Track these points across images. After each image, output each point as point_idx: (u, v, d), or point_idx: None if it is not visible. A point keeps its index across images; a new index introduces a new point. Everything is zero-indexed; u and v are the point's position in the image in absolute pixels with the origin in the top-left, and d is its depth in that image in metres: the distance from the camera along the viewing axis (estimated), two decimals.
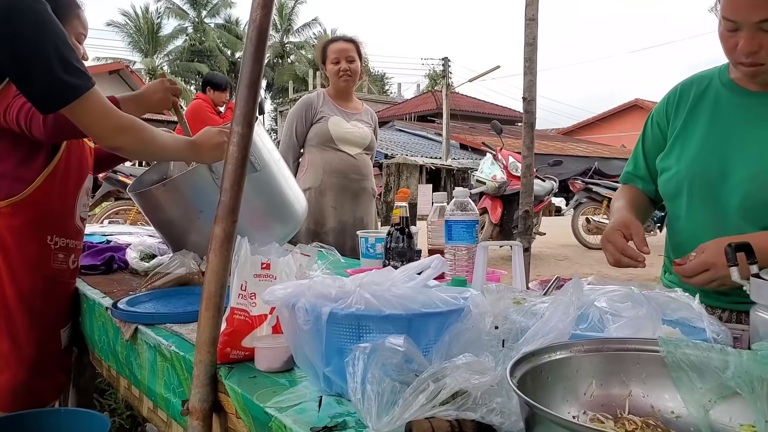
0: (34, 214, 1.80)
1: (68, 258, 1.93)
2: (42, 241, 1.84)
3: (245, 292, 1.18)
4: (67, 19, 1.76)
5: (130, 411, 2.86)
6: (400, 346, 0.83)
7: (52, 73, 1.25)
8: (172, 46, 37.67)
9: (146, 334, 1.45)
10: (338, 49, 3.15)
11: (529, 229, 3.29)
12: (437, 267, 0.98)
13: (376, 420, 0.78)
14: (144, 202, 2.01)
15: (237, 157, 1.10)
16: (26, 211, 1.78)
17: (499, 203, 7.61)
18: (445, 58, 22.65)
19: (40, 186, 1.79)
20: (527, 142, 3.28)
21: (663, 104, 1.61)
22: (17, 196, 1.76)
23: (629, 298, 0.95)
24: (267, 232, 1.90)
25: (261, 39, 1.10)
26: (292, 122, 3.17)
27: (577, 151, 23.03)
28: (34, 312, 1.85)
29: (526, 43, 3.37)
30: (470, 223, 1.60)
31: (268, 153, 2.00)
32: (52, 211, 1.85)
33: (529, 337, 0.84)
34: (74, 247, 1.95)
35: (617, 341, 0.82)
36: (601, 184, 9.33)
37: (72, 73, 1.28)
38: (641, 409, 0.77)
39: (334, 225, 3.13)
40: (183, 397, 1.24)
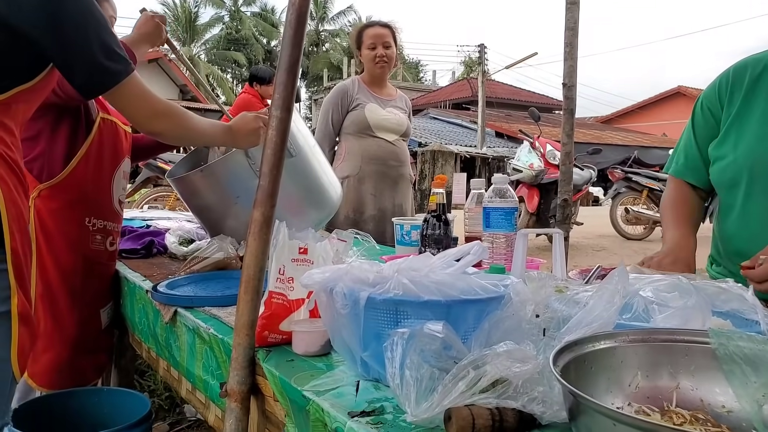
0: (71, 196, 1.85)
1: (106, 240, 1.97)
2: (80, 222, 1.89)
3: (283, 276, 1.18)
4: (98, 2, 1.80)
5: (169, 392, 2.93)
6: (439, 333, 0.82)
7: (94, 59, 1.27)
8: (209, 34, 38.10)
9: (185, 316, 1.47)
10: (375, 34, 3.12)
11: (567, 218, 3.24)
12: (477, 253, 0.96)
13: (414, 406, 0.77)
14: (182, 188, 2.04)
15: (276, 141, 1.10)
16: (63, 193, 1.83)
17: (536, 192, 7.51)
18: (482, 45, 22.34)
19: (74, 168, 1.84)
20: (567, 129, 3.21)
21: (714, 89, 1.53)
22: (54, 179, 1.81)
23: (676, 288, 0.91)
24: (302, 218, 1.91)
25: (300, 22, 1.09)
26: (328, 110, 3.16)
27: (616, 140, 22.56)
28: (75, 292, 1.90)
29: (567, 27, 3.29)
30: (509, 210, 1.57)
31: (303, 139, 2.00)
32: (88, 193, 1.90)
33: (572, 326, 0.82)
34: (112, 229, 1.99)
35: (665, 332, 0.80)
36: (641, 173, 9.12)
37: (113, 59, 1.30)
38: (690, 402, 0.75)
39: (374, 212, 3.13)
40: (221, 380, 1.25)
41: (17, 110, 1.28)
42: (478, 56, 22.94)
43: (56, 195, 1.82)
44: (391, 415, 0.85)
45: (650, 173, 9.13)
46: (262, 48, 37.96)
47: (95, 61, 1.27)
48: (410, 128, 3.30)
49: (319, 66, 36.27)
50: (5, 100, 1.23)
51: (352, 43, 3.37)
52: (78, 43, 1.25)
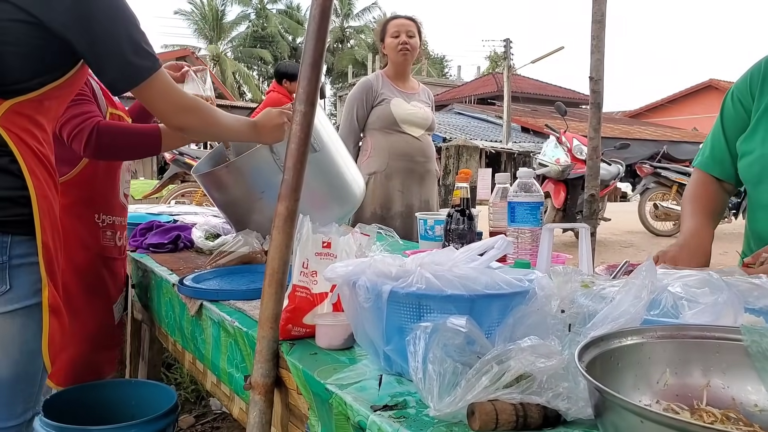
0: (83, 192, 1.87)
1: (115, 235, 1.99)
2: (91, 219, 1.91)
3: (307, 269, 1.18)
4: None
5: (195, 385, 2.96)
6: (462, 327, 0.81)
7: (123, 56, 1.29)
8: (236, 32, 38.45)
9: (210, 310, 1.49)
10: (399, 23, 3.11)
11: (594, 213, 3.19)
12: (501, 247, 0.95)
13: (437, 400, 0.76)
14: (207, 183, 2.06)
15: (300, 136, 1.10)
16: (74, 190, 1.84)
17: (563, 187, 7.42)
18: (507, 39, 22.17)
19: (86, 164, 1.85)
20: (594, 123, 3.16)
21: (746, 80, 1.49)
22: (66, 176, 1.82)
23: (707, 284, 0.89)
24: (325, 212, 1.91)
25: (323, 17, 1.09)
26: (353, 106, 3.15)
27: (644, 135, 22.21)
28: (89, 288, 1.93)
29: (594, 20, 3.24)
30: (534, 204, 1.55)
31: (327, 134, 2.00)
32: (98, 189, 1.92)
33: (598, 321, 0.81)
34: (119, 224, 2.01)
35: (695, 328, 0.78)
36: (670, 168, 8.96)
37: (141, 56, 1.32)
38: (721, 401, 0.73)
39: (401, 209, 3.12)
40: (245, 373, 1.26)
41: (49, 107, 1.31)
42: (504, 51, 22.76)
43: (68, 192, 1.81)
44: (414, 409, 0.84)
45: (680, 168, 8.97)
46: (288, 45, 38.16)
47: (124, 57, 1.29)
48: (435, 122, 3.28)
49: (344, 62, 36.35)
50: (37, 97, 1.25)
51: (376, 37, 3.37)
52: (108, 40, 1.27)
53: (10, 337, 1.24)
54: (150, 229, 2.37)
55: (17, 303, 1.23)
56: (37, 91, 1.25)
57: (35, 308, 1.26)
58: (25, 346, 1.26)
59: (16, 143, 1.22)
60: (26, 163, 1.24)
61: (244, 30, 38.35)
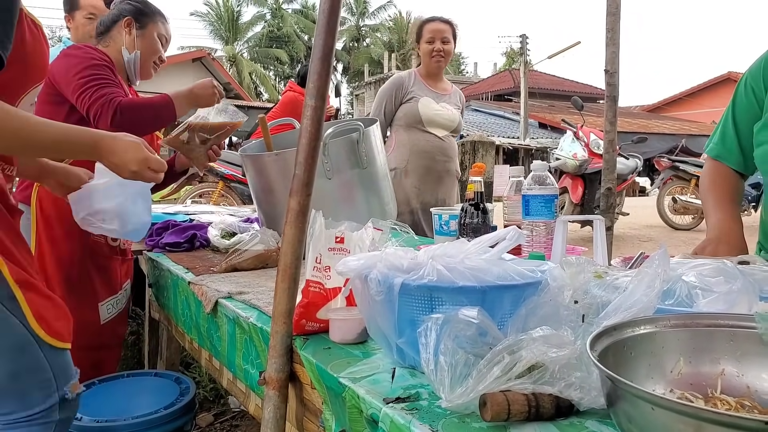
0: None
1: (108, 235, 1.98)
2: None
3: (320, 264, 1.19)
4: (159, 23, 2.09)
5: (213, 383, 2.99)
6: (474, 318, 0.81)
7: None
8: (251, 33, 38.66)
9: (226, 306, 1.50)
10: (434, 29, 3.14)
11: (611, 207, 3.16)
12: (513, 238, 0.95)
13: (449, 391, 0.76)
14: (252, 166, 2.04)
15: (311, 131, 1.11)
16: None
17: (580, 182, 7.36)
18: (523, 35, 22.02)
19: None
20: (610, 116, 3.13)
21: (759, 68, 1.46)
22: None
23: (721, 273, 0.88)
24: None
25: (333, 10, 1.09)
26: (382, 100, 3.18)
27: (662, 129, 21.94)
28: (70, 282, 1.93)
29: (609, 12, 3.21)
30: (549, 197, 1.54)
31: (379, 154, 2.03)
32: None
33: (611, 310, 0.80)
34: None
35: (708, 316, 0.77)
36: (688, 161, 8.84)
37: None
38: (735, 389, 0.72)
39: (417, 206, 3.14)
40: (261, 369, 1.27)
41: None
42: (520, 47, 22.61)
43: None
44: (426, 401, 0.84)
45: (698, 161, 8.83)
46: (304, 45, 38.27)
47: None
48: (461, 124, 3.30)
49: (360, 61, 36.39)
50: None
51: (412, 37, 3.41)
52: None
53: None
54: (166, 228, 2.39)
55: None
56: None
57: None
58: (4, 342, 1.21)
59: None
60: None
61: (259, 30, 38.55)
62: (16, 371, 1.24)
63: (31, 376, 1.26)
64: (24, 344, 1.24)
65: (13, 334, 1.22)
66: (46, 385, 1.28)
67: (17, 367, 1.24)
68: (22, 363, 1.24)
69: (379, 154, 2.04)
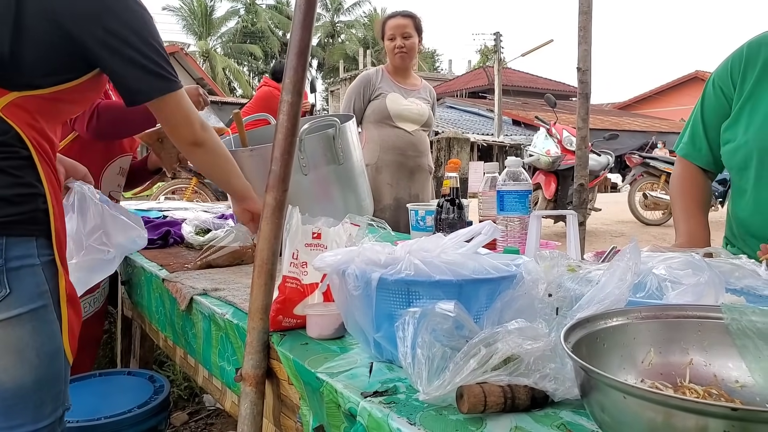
0: None
1: None
2: None
3: (297, 260, 1.19)
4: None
5: (188, 382, 2.96)
6: (451, 312, 0.82)
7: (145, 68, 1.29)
8: (225, 28, 38.30)
9: (201, 304, 1.49)
10: (395, 24, 3.14)
11: (584, 203, 3.21)
12: (489, 233, 0.96)
13: (426, 384, 0.77)
14: None
15: (287, 126, 1.10)
16: None
17: (553, 178, 7.46)
18: (497, 33, 22.18)
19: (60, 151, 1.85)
20: (582, 113, 3.18)
21: (726, 67, 1.48)
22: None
23: (690, 266, 0.90)
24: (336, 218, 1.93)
25: (309, 6, 1.09)
26: (351, 98, 3.18)
27: (633, 126, 22.33)
28: None
29: (581, 11, 3.25)
30: (523, 193, 1.56)
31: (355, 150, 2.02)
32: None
33: (584, 303, 0.82)
34: None
35: (677, 308, 0.79)
36: (659, 158, 9.02)
37: (163, 70, 1.32)
38: (703, 378, 0.74)
39: (390, 202, 3.15)
40: (237, 366, 1.26)
41: (56, 109, 1.28)
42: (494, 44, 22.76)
43: None
44: (404, 394, 0.85)
45: (668, 158, 9.03)
46: (278, 40, 38.03)
47: (146, 70, 1.29)
48: (432, 118, 3.30)
49: (335, 57, 36.29)
50: (45, 95, 1.23)
51: (376, 34, 3.41)
52: (130, 52, 1.26)
53: (23, 342, 1.20)
54: None
55: (21, 307, 1.19)
56: (45, 89, 1.22)
57: (42, 311, 1.22)
58: (41, 350, 1.23)
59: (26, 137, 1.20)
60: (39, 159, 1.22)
61: (233, 26, 38.21)
62: (42, 378, 1.24)
63: (50, 386, 1.27)
64: (56, 353, 1.26)
65: (53, 341, 1.25)
66: (57, 397, 1.29)
67: (45, 375, 1.25)
68: (51, 371, 1.26)
69: (356, 150, 2.04)
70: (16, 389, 1.21)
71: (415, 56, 3.24)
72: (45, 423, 1.26)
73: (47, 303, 1.23)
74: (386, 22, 3.21)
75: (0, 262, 1.16)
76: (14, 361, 1.20)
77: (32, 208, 1.21)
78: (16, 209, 1.18)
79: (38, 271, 1.21)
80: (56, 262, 1.25)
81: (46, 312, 1.23)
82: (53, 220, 1.24)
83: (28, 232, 1.20)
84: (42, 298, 1.22)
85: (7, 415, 1.22)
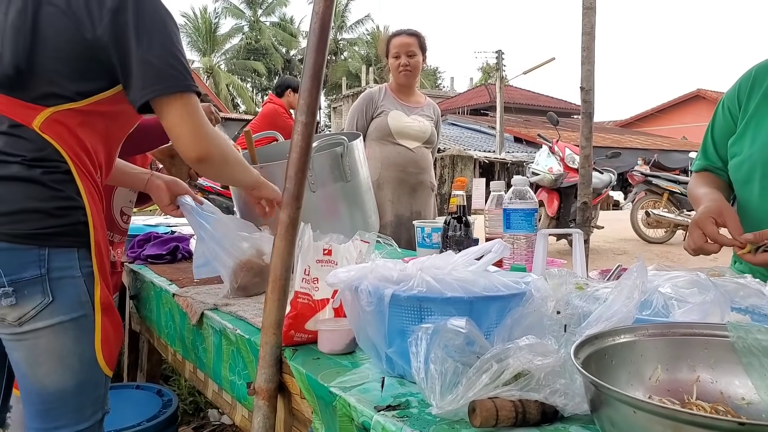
0: None
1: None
2: None
3: (308, 276, 1.21)
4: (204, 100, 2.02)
5: (193, 397, 2.97)
6: (462, 328, 0.84)
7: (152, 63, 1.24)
8: (229, 44, 38.64)
9: (212, 318, 1.51)
10: (399, 43, 3.18)
11: (587, 221, 3.23)
12: (498, 251, 0.98)
13: (439, 399, 0.79)
14: None
15: (301, 146, 1.13)
16: None
17: (556, 196, 7.49)
18: (499, 51, 22.35)
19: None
20: (585, 132, 3.22)
21: (735, 89, 1.55)
22: None
23: (695, 284, 0.93)
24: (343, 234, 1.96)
25: (323, 30, 1.13)
26: (354, 116, 3.22)
27: (635, 144, 22.38)
28: None
29: (584, 32, 3.31)
30: (529, 211, 1.58)
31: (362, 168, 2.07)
32: None
33: (592, 320, 0.84)
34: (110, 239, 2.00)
35: (684, 326, 0.81)
36: (661, 176, 9.04)
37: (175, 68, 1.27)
38: (710, 395, 0.76)
39: (392, 218, 3.16)
40: (248, 380, 1.28)
41: (93, 123, 1.29)
42: (496, 62, 22.93)
43: None
44: (417, 409, 0.87)
45: (671, 176, 9.06)
46: (281, 57, 38.34)
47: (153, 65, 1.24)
48: (435, 135, 3.33)
49: (338, 74, 36.54)
50: (80, 107, 1.25)
51: (380, 52, 3.45)
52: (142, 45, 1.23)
53: (66, 349, 1.25)
54: (148, 240, 2.39)
55: (63, 315, 1.24)
56: (80, 102, 1.25)
57: (83, 319, 1.27)
58: (83, 356, 1.28)
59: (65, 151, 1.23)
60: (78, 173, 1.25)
61: (237, 42, 38.53)
62: (83, 383, 1.30)
63: (91, 390, 1.32)
64: (96, 359, 1.31)
65: (93, 348, 1.29)
66: (97, 401, 1.34)
67: (86, 380, 1.30)
68: (91, 377, 1.31)
69: (362, 167, 2.07)
70: (58, 393, 1.26)
71: (419, 74, 3.29)
72: (85, 425, 1.31)
73: (88, 312, 1.28)
74: (391, 40, 3.26)
75: (43, 271, 1.21)
76: (57, 367, 1.25)
77: (73, 221, 1.25)
78: (56, 221, 1.22)
79: (79, 282, 1.26)
80: (95, 273, 1.29)
81: (87, 321, 1.28)
82: (93, 232, 1.28)
83: (69, 243, 1.25)
84: (83, 308, 1.27)
85: (50, 417, 1.27)
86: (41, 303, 1.22)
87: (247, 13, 38.54)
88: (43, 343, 1.24)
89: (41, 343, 1.24)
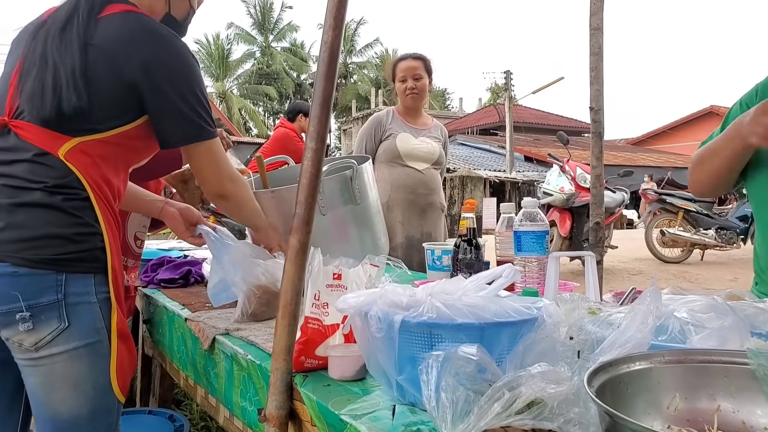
0: None
1: None
2: None
3: (318, 301, 1.20)
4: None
5: (204, 422, 2.95)
6: (474, 355, 0.83)
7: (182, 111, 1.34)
8: (241, 70, 39.11)
9: (223, 344, 1.50)
10: (406, 67, 3.21)
11: (600, 241, 3.20)
12: (509, 276, 0.97)
13: (451, 427, 0.78)
14: None
15: (311, 171, 1.14)
16: None
17: (568, 216, 7.44)
18: (508, 71, 22.44)
19: None
20: (596, 152, 3.20)
21: (754, 90, 1.53)
22: None
23: (713, 309, 0.91)
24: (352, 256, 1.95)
25: (332, 59, 1.13)
26: (362, 140, 3.24)
27: (648, 161, 22.29)
28: None
29: (592, 52, 3.30)
30: (540, 233, 1.57)
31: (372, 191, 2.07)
32: None
33: (606, 347, 0.82)
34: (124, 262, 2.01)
35: (702, 352, 0.79)
36: (675, 194, 8.96)
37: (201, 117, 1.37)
38: (731, 424, 0.74)
39: (402, 240, 3.15)
40: (258, 406, 1.27)
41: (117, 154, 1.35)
42: (504, 82, 23.01)
43: None
44: None
45: (685, 194, 8.97)
46: (293, 81, 38.74)
47: (183, 113, 1.34)
48: (443, 156, 3.34)
49: (348, 97, 36.83)
50: (105, 138, 1.30)
51: (387, 76, 3.48)
52: (171, 93, 1.32)
53: (81, 375, 1.27)
54: (161, 264, 2.40)
55: (79, 341, 1.25)
56: (104, 133, 1.29)
57: (98, 345, 1.29)
58: (97, 382, 1.29)
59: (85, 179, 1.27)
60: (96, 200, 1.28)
61: (249, 67, 39.00)
62: (97, 409, 1.31)
63: (104, 417, 1.33)
64: (111, 386, 1.32)
65: (109, 375, 1.31)
66: (110, 428, 1.34)
67: (100, 406, 1.31)
68: (105, 403, 1.32)
69: (372, 190, 2.07)
70: (72, 419, 1.27)
71: (426, 96, 3.30)
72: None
73: (103, 338, 1.29)
74: (397, 64, 3.28)
75: (60, 296, 1.23)
76: (71, 393, 1.26)
77: (90, 247, 1.27)
78: (75, 247, 1.25)
79: (95, 308, 1.28)
80: (111, 299, 1.30)
81: (102, 347, 1.29)
82: (110, 258, 1.30)
83: (87, 269, 1.27)
84: (99, 334, 1.28)
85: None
86: (57, 328, 1.23)
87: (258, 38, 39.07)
88: (59, 368, 1.25)
89: (57, 368, 1.25)
